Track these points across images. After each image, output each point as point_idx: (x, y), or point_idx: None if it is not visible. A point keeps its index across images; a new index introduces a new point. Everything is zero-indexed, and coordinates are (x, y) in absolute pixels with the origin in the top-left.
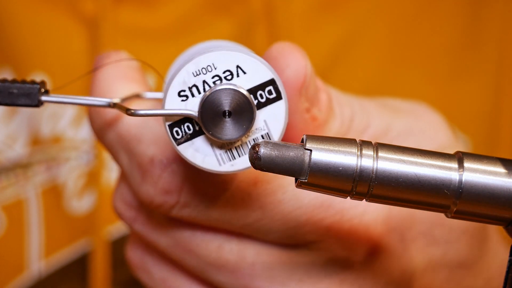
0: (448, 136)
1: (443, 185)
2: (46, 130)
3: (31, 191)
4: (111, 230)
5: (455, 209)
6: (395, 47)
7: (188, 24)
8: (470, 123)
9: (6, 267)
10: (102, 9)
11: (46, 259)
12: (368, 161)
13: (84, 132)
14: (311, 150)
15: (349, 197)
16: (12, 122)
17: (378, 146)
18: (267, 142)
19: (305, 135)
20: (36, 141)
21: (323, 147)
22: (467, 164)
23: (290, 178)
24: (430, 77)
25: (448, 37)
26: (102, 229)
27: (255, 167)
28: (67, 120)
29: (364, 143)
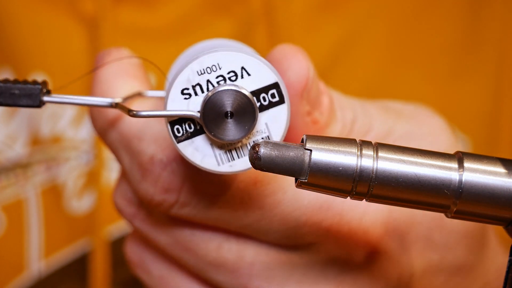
0: (451, 141)
1: (443, 185)
2: (46, 130)
3: (31, 191)
4: (111, 230)
5: (455, 209)
6: (395, 47)
7: (188, 24)
8: (470, 123)
9: (6, 267)
10: (102, 9)
11: (46, 259)
12: (368, 161)
13: (84, 132)
14: (311, 150)
15: (349, 197)
16: (12, 122)
17: (378, 146)
18: (267, 142)
19: (305, 135)
20: (36, 141)
21: (323, 147)
22: (467, 164)
23: (290, 179)
24: (430, 77)
25: (448, 37)
26: (102, 229)
27: (255, 167)
28: (67, 120)
29: (364, 143)
